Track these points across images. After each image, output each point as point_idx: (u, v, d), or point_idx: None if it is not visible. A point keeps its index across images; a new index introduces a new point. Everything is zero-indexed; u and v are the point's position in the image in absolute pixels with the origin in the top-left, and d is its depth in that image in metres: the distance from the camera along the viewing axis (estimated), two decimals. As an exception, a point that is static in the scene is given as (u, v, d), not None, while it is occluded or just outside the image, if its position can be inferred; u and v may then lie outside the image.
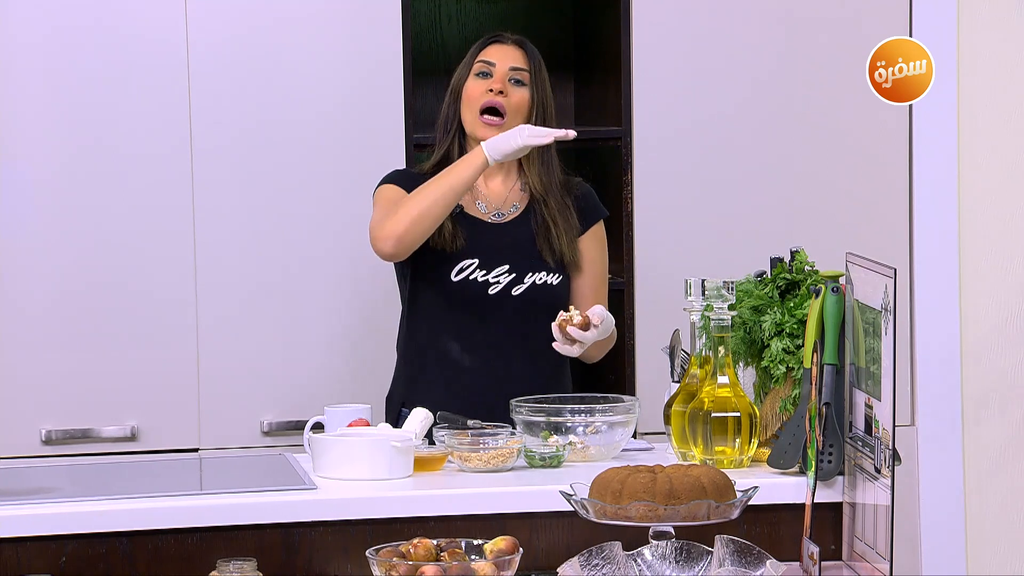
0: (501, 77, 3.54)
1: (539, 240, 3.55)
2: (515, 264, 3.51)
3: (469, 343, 3.51)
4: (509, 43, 3.58)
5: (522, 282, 3.52)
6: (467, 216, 3.55)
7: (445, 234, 3.49)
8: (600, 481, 2.77)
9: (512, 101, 3.53)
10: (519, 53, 3.58)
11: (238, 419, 4.07)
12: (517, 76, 3.54)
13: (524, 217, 3.56)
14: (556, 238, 3.54)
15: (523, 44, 3.60)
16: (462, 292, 3.49)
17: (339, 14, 4.08)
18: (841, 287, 3.01)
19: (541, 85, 3.58)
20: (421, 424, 3.21)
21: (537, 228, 3.55)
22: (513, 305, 3.50)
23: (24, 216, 4.02)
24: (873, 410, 2.89)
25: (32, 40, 3.99)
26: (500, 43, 3.59)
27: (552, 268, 3.54)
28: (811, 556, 2.89)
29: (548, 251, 3.54)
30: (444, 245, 3.49)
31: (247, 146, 4.08)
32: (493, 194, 3.58)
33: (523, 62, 3.56)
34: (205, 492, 3.11)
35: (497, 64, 3.55)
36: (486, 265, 3.51)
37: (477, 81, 3.55)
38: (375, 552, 2.73)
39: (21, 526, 2.88)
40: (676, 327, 3.32)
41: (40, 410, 4.03)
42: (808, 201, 4.26)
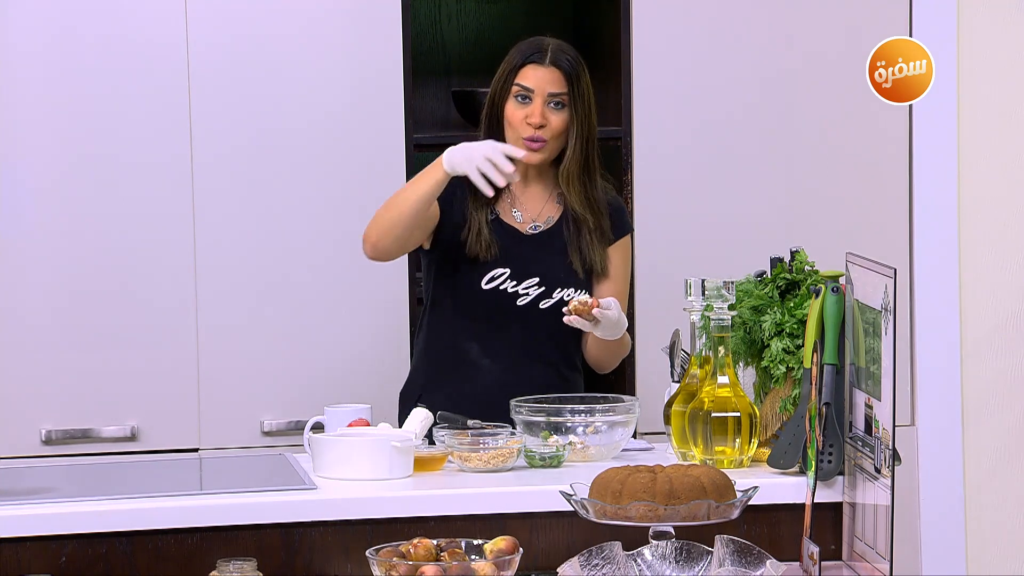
0: (540, 106, 3.50)
1: (571, 247, 3.54)
2: (545, 277, 3.51)
3: (491, 349, 3.51)
4: (547, 64, 3.52)
5: (551, 296, 3.52)
6: (502, 224, 3.54)
7: (481, 241, 3.49)
8: (600, 481, 2.77)
9: (553, 126, 3.51)
10: (557, 76, 3.51)
11: (238, 419, 4.07)
12: (556, 100, 3.51)
13: (559, 227, 3.56)
14: (588, 245, 3.53)
15: (560, 63, 3.52)
16: (491, 300, 3.49)
17: (339, 15, 4.08)
18: (841, 287, 3.01)
19: (581, 100, 3.52)
20: (421, 424, 3.21)
21: (570, 235, 3.55)
22: (540, 318, 3.50)
23: (25, 218, 4.02)
24: (873, 410, 2.89)
25: (33, 47, 3.99)
26: (538, 64, 3.52)
27: (580, 282, 3.53)
28: (811, 556, 2.89)
29: (578, 258, 3.53)
30: (479, 252, 3.49)
31: (247, 146, 4.08)
32: (530, 202, 3.57)
33: (561, 85, 3.51)
34: (205, 492, 3.11)
35: (535, 90, 3.50)
36: (517, 276, 3.51)
37: (517, 106, 3.51)
38: (375, 552, 2.73)
39: (21, 526, 2.88)
40: (676, 327, 3.32)
41: (40, 410, 4.03)
42: (808, 201, 4.26)
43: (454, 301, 3.52)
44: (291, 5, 4.08)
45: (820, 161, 4.27)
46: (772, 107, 4.24)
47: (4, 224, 4.02)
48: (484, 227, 3.50)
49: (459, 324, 3.52)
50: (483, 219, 3.51)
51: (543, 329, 3.50)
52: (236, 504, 2.97)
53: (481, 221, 3.50)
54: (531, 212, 3.56)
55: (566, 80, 3.51)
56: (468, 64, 4.49)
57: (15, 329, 4.02)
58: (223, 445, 4.06)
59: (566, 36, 4.53)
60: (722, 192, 4.23)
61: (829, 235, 4.13)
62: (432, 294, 3.58)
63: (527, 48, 3.56)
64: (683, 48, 4.20)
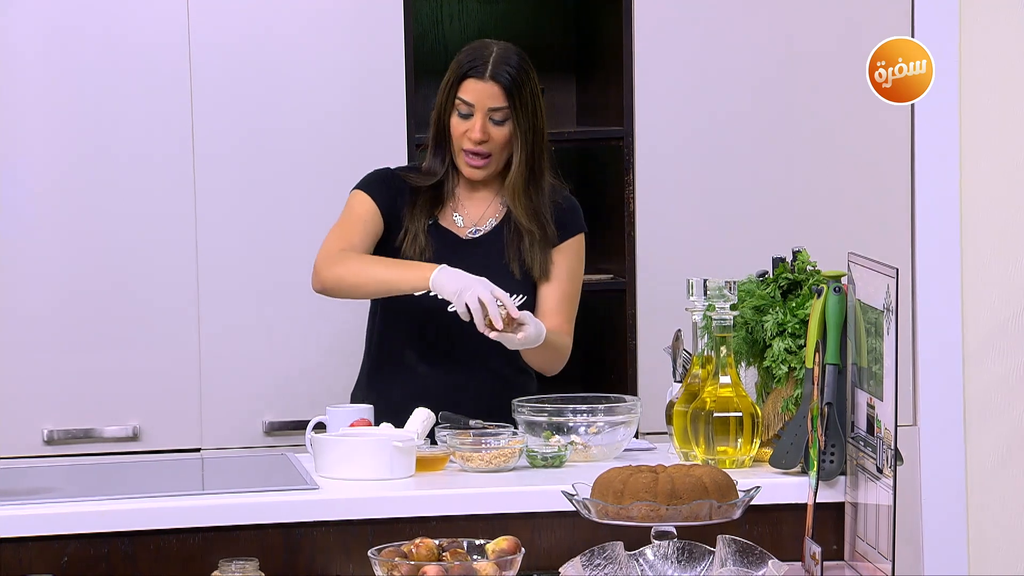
0: (480, 121, 3.45)
1: (510, 251, 3.50)
2: None
3: (428, 356, 3.48)
4: (487, 79, 3.46)
5: None
6: (441, 229, 3.52)
7: (416, 247, 3.46)
8: (602, 481, 2.77)
9: (495, 141, 3.48)
10: (496, 90, 3.45)
11: (240, 419, 4.07)
12: (497, 116, 3.47)
13: (499, 230, 3.52)
14: (528, 248, 3.49)
15: (499, 77, 3.46)
16: (425, 306, 3.45)
17: (340, 15, 4.08)
18: (843, 287, 3.01)
19: (524, 111, 3.47)
20: (423, 424, 3.21)
21: (509, 238, 3.51)
22: (473, 324, 3.46)
23: (28, 218, 4.03)
24: (875, 410, 2.89)
25: (34, 46, 3.99)
26: (477, 79, 3.46)
27: (518, 285, 3.49)
28: (813, 556, 2.89)
29: (517, 262, 3.50)
30: (413, 256, 3.46)
31: (249, 147, 4.08)
32: (473, 207, 3.54)
33: (501, 100, 3.45)
34: (207, 492, 3.11)
35: (476, 105, 3.46)
36: None
37: (459, 120, 3.48)
38: (377, 552, 2.73)
39: (23, 526, 2.88)
40: (678, 327, 3.32)
41: (42, 410, 4.04)
42: (810, 201, 4.26)
43: (391, 306, 3.49)
44: (293, 5, 4.08)
45: (822, 161, 4.27)
46: (774, 107, 4.24)
47: (6, 224, 4.02)
48: (420, 233, 3.47)
49: (396, 330, 3.49)
50: (420, 225, 3.48)
51: (478, 335, 3.41)
52: (238, 504, 2.97)
53: (418, 227, 3.48)
54: (472, 217, 3.54)
55: (506, 95, 3.45)
56: (470, 64, 4.48)
57: (17, 329, 4.02)
58: (225, 445, 4.06)
59: (568, 36, 4.55)
60: (724, 192, 4.23)
61: (831, 235, 4.13)
62: (372, 302, 3.57)
63: (468, 59, 3.49)
64: (685, 48, 4.20)
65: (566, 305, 3.54)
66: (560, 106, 4.51)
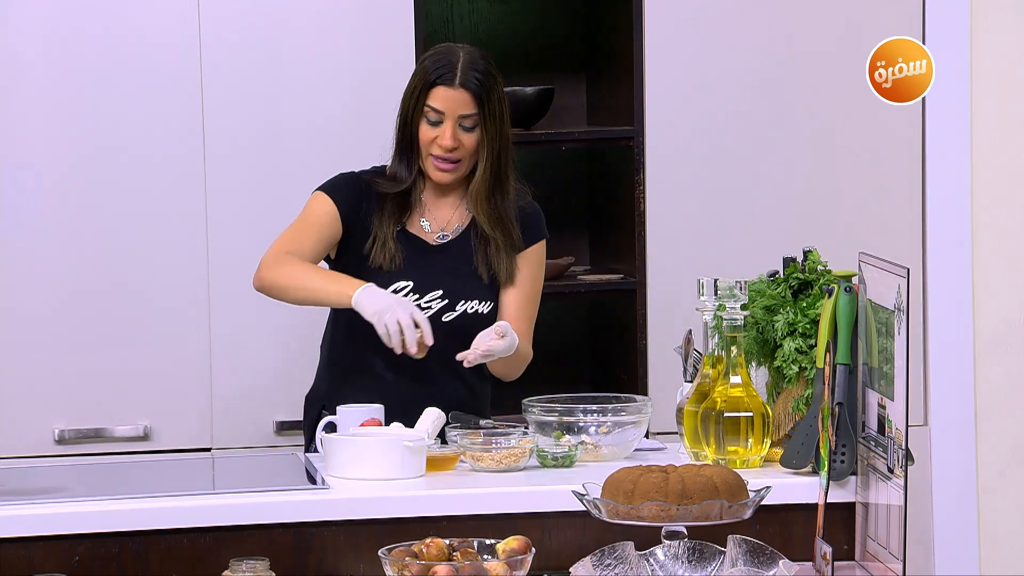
0: (451, 128, 3.44)
1: (477, 256, 3.50)
2: (449, 290, 3.47)
3: (395, 363, 3.45)
4: (456, 86, 3.44)
5: (454, 309, 3.48)
6: (409, 235, 3.50)
7: (386, 252, 3.44)
8: (612, 481, 2.76)
9: (465, 147, 3.46)
10: (467, 97, 3.44)
11: (250, 419, 4.08)
12: (466, 123, 3.45)
13: (466, 235, 3.52)
14: (494, 253, 3.49)
15: (469, 84, 3.44)
16: None
17: (351, 16, 4.09)
18: (854, 287, 3.00)
19: (492, 118, 3.46)
20: (433, 424, 3.21)
21: (476, 243, 3.51)
22: (442, 331, 3.43)
23: (38, 218, 4.03)
24: (886, 410, 2.89)
25: (43, 45, 4.00)
26: (447, 86, 3.44)
27: (485, 293, 3.49)
28: (824, 556, 2.88)
29: (484, 266, 3.49)
30: (383, 263, 3.45)
31: (258, 147, 4.08)
32: (440, 211, 3.53)
33: (471, 107, 3.44)
34: (217, 492, 3.11)
35: (446, 113, 3.44)
36: (420, 289, 3.46)
37: (428, 127, 3.46)
38: (387, 552, 2.73)
39: (34, 526, 2.88)
40: (689, 327, 3.32)
41: (53, 410, 4.04)
42: (821, 201, 4.25)
43: (356, 312, 3.45)
44: (303, 5, 4.08)
45: (832, 161, 4.26)
46: (783, 107, 4.23)
47: (18, 224, 4.03)
48: (389, 239, 3.46)
49: (362, 336, 3.45)
50: (389, 231, 3.47)
51: (447, 342, 3.43)
52: (248, 504, 2.97)
53: (387, 233, 3.46)
54: (439, 222, 3.52)
55: (476, 102, 3.44)
56: (480, 64, 4.48)
57: (28, 329, 4.03)
58: (235, 445, 4.06)
59: (578, 35, 4.54)
60: (734, 192, 4.23)
61: (842, 235, 4.13)
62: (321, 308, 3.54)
63: (435, 66, 3.47)
64: (695, 48, 4.20)
65: (527, 311, 3.55)
66: (570, 106, 4.51)
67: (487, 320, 3.49)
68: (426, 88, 3.46)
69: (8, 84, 3.99)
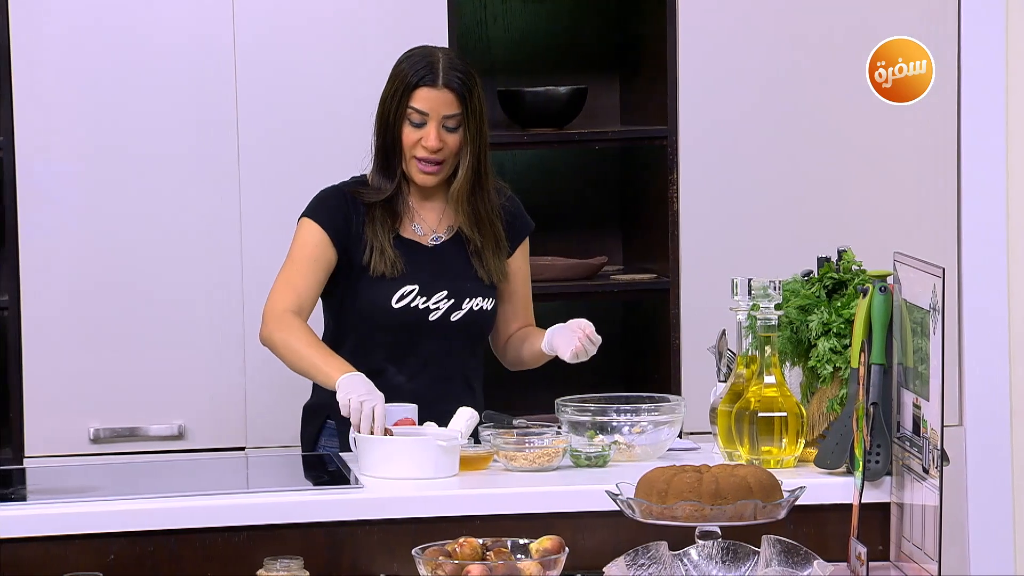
0: (435, 130, 3.43)
1: (472, 257, 3.51)
2: (453, 290, 3.48)
3: (406, 367, 3.47)
4: (440, 86, 3.43)
5: (460, 308, 3.48)
6: (403, 240, 3.49)
7: (385, 259, 3.43)
8: (646, 481, 2.76)
9: (448, 148, 3.45)
10: (450, 97, 3.43)
11: (284, 418, 4.08)
12: (449, 123, 3.44)
13: (458, 238, 3.52)
14: (487, 261, 3.50)
15: (452, 84, 3.43)
16: (403, 318, 3.44)
17: (384, 14, 4.09)
18: (889, 286, 2.99)
19: (474, 117, 3.44)
20: (467, 423, 3.21)
21: (469, 250, 3.51)
22: (450, 330, 3.46)
23: (72, 216, 4.05)
24: (921, 410, 2.88)
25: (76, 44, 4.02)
26: (430, 87, 3.43)
27: (486, 291, 3.51)
28: (858, 556, 2.87)
29: (482, 270, 3.51)
30: (384, 270, 3.44)
31: (293, 146, 4.09)
32: (429, 214, 3.52)
33: (455, 107, 3.43)
34: (251, 491, 3.12)
35: (430, 114, 3.43)
36: (426, 291, 3.46)
37: (411, 129, 3.44)
38: (421, 551, 2.73)
39: (69, 524, 2.90)
40: (722, 326, 3.31)
41: (88, 409, 4.06)
42: (855, 200, 4.24)
43: (365, 322, 3.46)
44: (337, 5, 4.09)
45: (867, 160, 4.25)
46: (819, 106, 4.22)
47: (52, 222, 4.04)
48: (387, 246, 3.45)
49: (371, 344, 3.46)
50: (385, 238, 3.45)
51: (457, 342, 3.46)
52: (282, 503, 2.97)
53: (383, 241, 3.45)
54: (431, 223, 3.52)
55: (459, 101, 3.43)
56: (513, 64, 4.49)
57: (63, 329, 4.05)
58: (269, 444, 4.07)
59: (611, 35, 4.54)
60: (768, 191, 4.22)
61: (876, 234, 4.11)
62: (338, 315, 3.52)
63: (417, 67, 3.45)
64: (728, 46, 4.19)
65: (529, 304, 3.61)
66: (603, 106, 4.50)
67: (491, 316, 3.52)
68: (408, 90, 3.44)
69: (43, 82, 4.01)
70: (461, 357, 3.50)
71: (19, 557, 2.86)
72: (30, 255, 4.03)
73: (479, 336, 3.54)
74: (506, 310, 3.57)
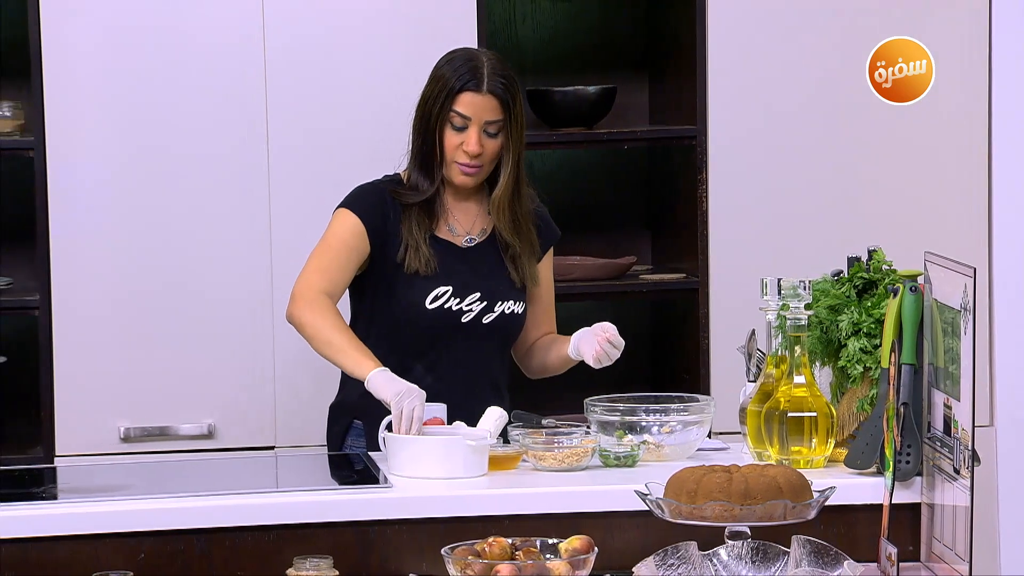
0: (476, 134, 3.43)
1: (505, 259, 3.51)
2: (487, 292, 3.47)
3: (436, 367, 3.47)
4: (484, 92, 3.43)
5: (493, 311, 3.48)
6: (438, 240, 3.49)
7: (420, 258, 3.43)
8: (675, 481, 2.76)
9: (488, 153, 3.45)
10: (494, 104, 3.43)
11: (313, 418, 4.09)
12: (491, 129, 3.44)
13: (491, 240, 3.52)
14: (521, 265, 3.50)
15: (496, 90, 3.43)
16: (436, 319, 3.45)
17: (414, 14, 4.10)
18: (919, 286, 2.98)
19: (515, 124, 3.45)
20: (496, 423, 3.21)
21: (503, 254, 3.52)
22: (482, 332, 3.46)
23: (102, 216, 4.06)
24: (952, 410, 2.87)
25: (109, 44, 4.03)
26: (474, 92, 3.43)
27: (517, 294, 3.51)
28: (889, 557, 2.87)
29: (516, 274, 3.51)
30: (418, 268, 3.44)
31: (322, 146, 4.10)
32: (464, 215, 3.53)
33: (498, 113, 3.43)
34: (281, 490, 3.13)
35: (473, 119, 3.43)
36: (459, 293, 3.46)
37: (452, 133, 3.44)
38: (450, 551, 2.73)
39: (100, 523, 2.91)
40: (752, 326, 3.30)
41: (118, 408, 4.07)
42: (885, 200, 4.23)
43: (396, 320, 3.46)
44: (366, 5, 4.09)
45: (897, 159, 4.23)
46: (848, 105, 4.21)
47: (82, 222, 4.06)
48: (422, 244, 3.45)
49: (402, 343, 3.46)
50: (421, 236, 3.45)
51: (487, 344, 3.47)
52: (312, 502, 2.98)
53: (419, 239, 3.45)
54: (465, 225, 3.52)
55: (502, 107, 3.43)
56: (543, 63, 4.48)
57: (94, 328, 4.06)
58: (298, 443, 4.08)
59: (640, 34, 4.54)
60: (798, 190, 4.21)
61: (907, 234, 4.10)
62: (369, 312, 3.51)
63: (460, 71, 3.45)
64: (758, 45, 4.18)
65: (552, 312, 3.62)
66: (632, 105, 4.50)
67: (522, 320, 3.53)
68: (452, 94, 3.44)
69: (73, 84, 4.03)
70: (490, 359, 3.51)
71: (50, 556, 2.87)
72: (61, 255, 4.04)
73: (509, 339, 3.55)
74: (531, 316, 3.57)
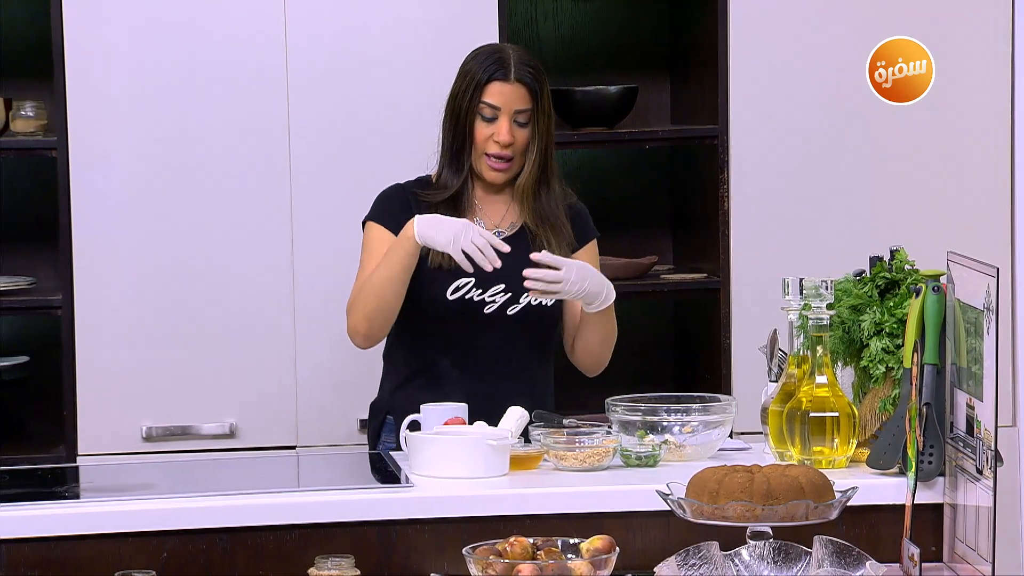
0: (507, 124, 3.45)
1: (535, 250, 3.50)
2: (511, 284, 3.46)
3: (458, 358, 3.47)
4: (512, 81, 3.45)
5: (517, 302, 3.48)
6: None
7: (447, 257, 3.41)
8: (697, 481, 2.76)
9: (518, 144, 3.47)
10: (522, 92, 3.45)
11: (335, 417, 4.10)
12: (520, 118, 3.46)
13: (522, 232, 3.52)
14: (546, 248, 3.46)
15: (524, 78, 3.46)
16: (458, 310, 3.45)
17: (435, 14, 4.10)
18: (942, 286, 2.98)
19: (543, 113, 3.47)
20: (517, 422, 3.21)
21: (532, 245, 3.50)
22: (507, 324, 3.46)
23: (123, 215, 4.08)
24: (975, 410, 2.86)
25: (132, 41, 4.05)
26: (504, 82, 3.45)
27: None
28: (911, 557, 2.86)
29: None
30: (441, 262, 3.44)
31: (344, 145, 4.11)
32: (492, 209, 3.53)
33: (527, 102, 3.45)
34: (303, 489, 3.13)
35: (502, 108, 3.45)
36: (483, 284, 3.46)
37: (482, 124, 3.46)
38: (472, 550, 2.73)
39: (123, 522, 2.91)
40: (774, 326, 3.30)
41: (141, 408, 4.08)
42: (908, 200, 4.22)
43: (420, 313, 3.46)
44: (387, 5, 4.10)
45: (919, 159, 4.22)
46: (870, 104, 4.19)
47: (103, 221, 4.07)
48: None
49: (426, 336, 3.47)
50: None
51: (512, 335, 3.45)
52: (333, 501, 2.98)
53: None
54: (494, 219, 3.52)
55: (531, 96, 3.45)
56: (564, 63, 4.48)
57: (116, 328, 4.07)
58: (320, 443, 4.09)
59: (662, 33, 4.53)
60: (820, 190, 4.20)
61: (929, 234, 4.09)
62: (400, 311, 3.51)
63: (487, 63, 3.47)
64: (781, 45, 4.18)
65: None
66: (654, 104, 4.50)
67: (551, 313, 3.51)
68: (480, 85, 3.46)
69: (95, 83, 4.04)
70: (524, 355, 3.48)
71: (72, 555, 2.88)
72: (83, 255, 4.06)
73: (543, 335, 3.50)
74: (571, 316, 3.55)
